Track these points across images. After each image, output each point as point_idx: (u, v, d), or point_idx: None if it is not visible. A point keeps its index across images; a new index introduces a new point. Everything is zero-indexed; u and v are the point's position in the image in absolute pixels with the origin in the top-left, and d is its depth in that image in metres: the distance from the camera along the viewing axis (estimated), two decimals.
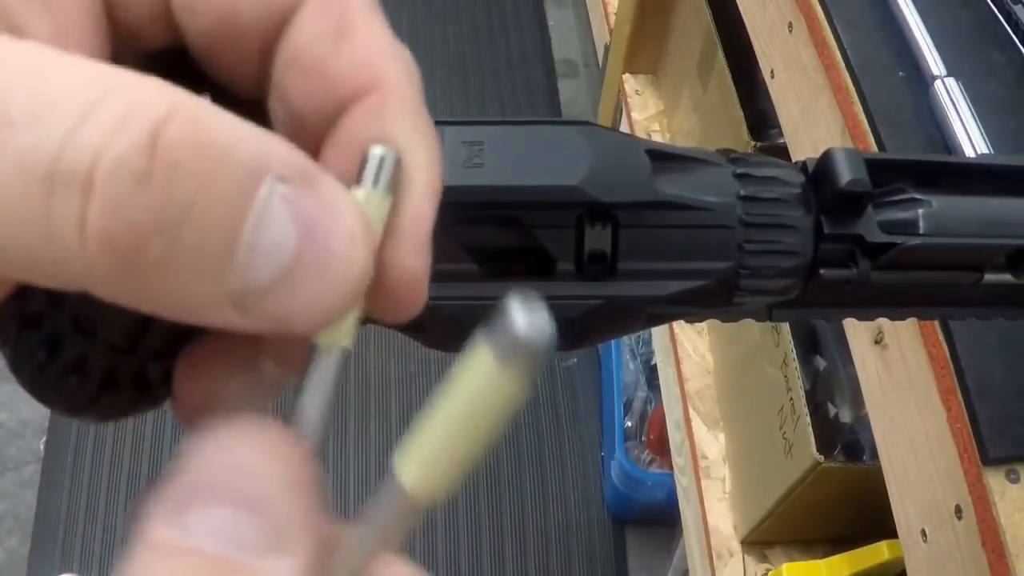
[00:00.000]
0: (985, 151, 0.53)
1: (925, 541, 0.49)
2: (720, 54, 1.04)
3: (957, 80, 0.56)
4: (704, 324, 1.10)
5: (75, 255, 0.13)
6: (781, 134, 0.71)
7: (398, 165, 0.16)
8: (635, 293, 0.26)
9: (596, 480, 1.37)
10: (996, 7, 0.62)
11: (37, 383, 0.20)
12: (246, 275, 0.13)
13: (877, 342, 0.55)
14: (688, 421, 1.06)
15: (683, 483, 1.08)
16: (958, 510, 0.46)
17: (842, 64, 0.60)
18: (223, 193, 0.13)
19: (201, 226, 0.13)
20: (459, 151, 0.25)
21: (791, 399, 0.84)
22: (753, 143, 0.95)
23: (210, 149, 0.13)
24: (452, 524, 1.31)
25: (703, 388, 1.09)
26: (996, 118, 0.55)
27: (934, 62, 0.57)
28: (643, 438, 1.30)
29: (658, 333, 1.21)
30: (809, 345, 0.89)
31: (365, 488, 1.33)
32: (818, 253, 0.27)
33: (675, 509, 1.09)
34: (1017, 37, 0.60)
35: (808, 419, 0.80)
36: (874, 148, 0.56)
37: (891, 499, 0.53)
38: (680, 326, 1.12)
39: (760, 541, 0.94)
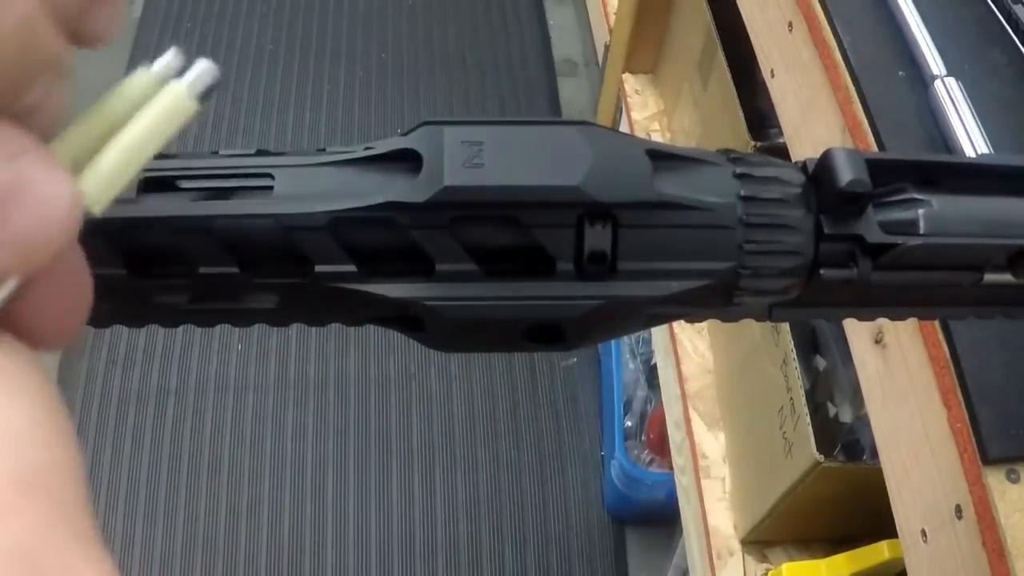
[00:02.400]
0: (985, 151, 0.52)
1: (925, 541, 0.49)
2: (720, 54, 1.04)
3: (957, 80, 0.56)
4: (704, 324, 1.10)
5: None
6: (781, 134, 0.71)
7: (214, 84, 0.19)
8: (635, 293, 0.26)
9: (596, 480, 1.37)
10: (996, 7, 0.62)
11: None
12: None
13: (877, 342, 0.55)
14: (688, 421, 1.06)
15: (683, 483, 1.08)
16: (958, 510, 0.46)
17: (842, 64, 0.60)
18: None
19: None
20: (459, 151, 0.25)
21: (791, 399, 0.84)
22: (753, 143, 0.95)
23: None
24: (452, 523, 1.32)
25: (703, 388, 1.09)
26: (996, 118, 0.55)
27: (934, 62, 0.57)
28: (643, 438, 1.30)
29: (658, 333, 1.21)
30: (809, 345, 0.89)
31: (365, 488, 1.33)
32: (818, 253, 0.27)
33: (675, 509, 1.08)
34: (1017, 37, 0.60)
35: (808, 419, 0.80)
36: (874, 148, 0.56)
37: (891, 499, 0.53)
38: (680, 326, 1.12)
39: (760, 541, 0.94)
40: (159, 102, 0.18)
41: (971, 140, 0.53)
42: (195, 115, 0.19)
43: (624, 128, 1.36)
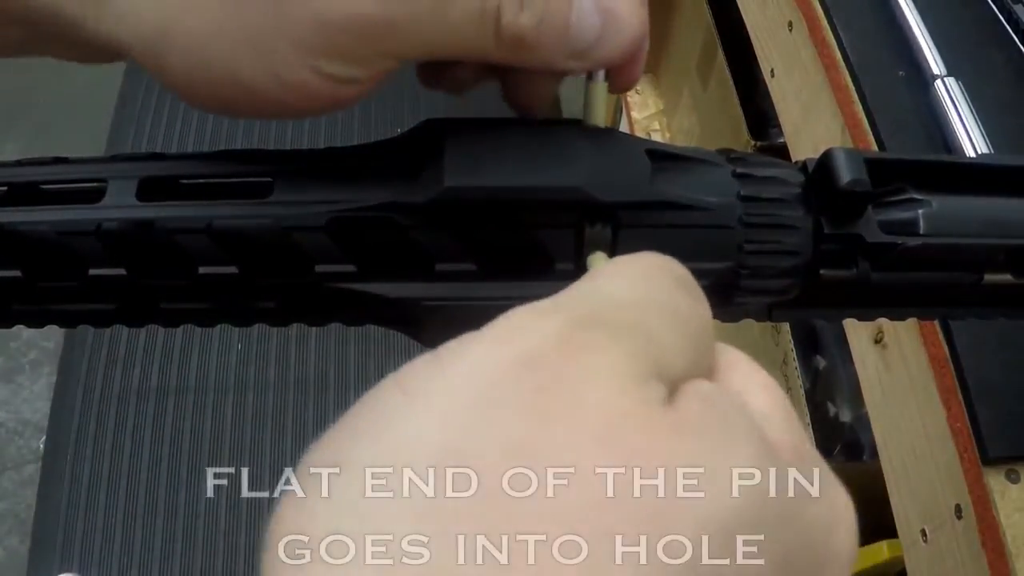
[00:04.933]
0: (985, 151, 0.53)
1: (925, 541, 0.49)
2: (720, 54, 1.04)
3: (957, 80, 0.56)
4: None
5: (490, 46, 0.24)
6: (781, 134, 0.71)
7: None
8: None
9: None
10: (996, 7, 0.62)
11: None
12: (578, 40, 0.24)
13: (877, 342, 0.55)
14: None
15: None
16: (958, 510, 0.46)
17: (842, 64, 0.60)
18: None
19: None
20: (459, 151, 0.25)
21: (791, 398, 0.84)
22: (753, 143, 0.95)
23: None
24: None
25: None
26: (996, 118, 0.55)
27: (934, 62, 0.57)
28: None
29: None
30: (809, 345, 0.89)
31: None
32: (818, 253, 0.27)
33: None
34: (1017, 37, 0.60)
35: (808, 419, 0.80)
36: (874, 148, 0.56)
37: (891, 499, 0.53)
38: None
39: None
40: None
41: (971, 140, 0.53)
42: None
43: (624, 128, 1.36)
